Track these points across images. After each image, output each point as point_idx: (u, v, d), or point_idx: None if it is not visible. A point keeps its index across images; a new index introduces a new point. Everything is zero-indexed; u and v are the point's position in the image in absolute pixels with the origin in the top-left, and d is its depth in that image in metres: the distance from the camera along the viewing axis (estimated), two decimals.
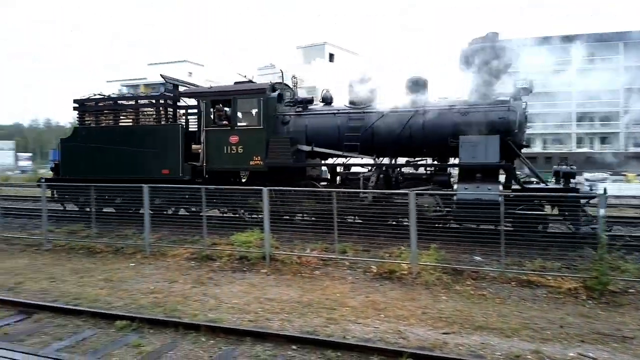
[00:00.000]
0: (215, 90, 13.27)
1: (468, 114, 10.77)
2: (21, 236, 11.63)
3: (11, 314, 6.48)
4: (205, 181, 12.41)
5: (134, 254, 9.91)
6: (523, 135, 10.81)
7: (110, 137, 13.48)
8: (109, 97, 14.54)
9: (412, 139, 11.27)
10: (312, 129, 12.21)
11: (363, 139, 11.57)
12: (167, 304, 6.69)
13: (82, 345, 5.39)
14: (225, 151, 12.45)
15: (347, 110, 12.11)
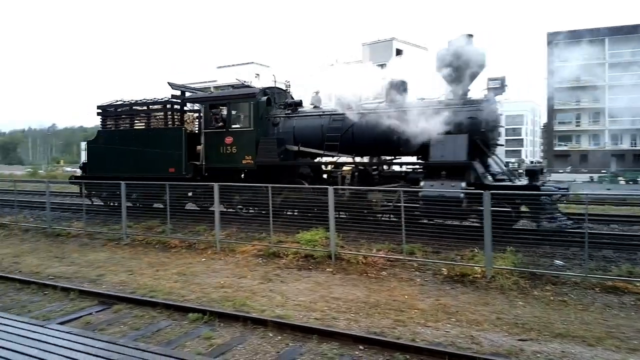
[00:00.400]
0: (212, 95, 14.95)
1: (440, 114, 11.08)
2: (102, 231, 12.48)
3: (93, 304, 6.95)
4: (204, 179, 13.67)
5: (205, 249, 10.32)
6: (494, 134, 11.27)
7: (126, 139, 15.05)
8: (125, 102, 15.94)
9: (388, 138, 11.78)
10: (299, 130, 13.07)
11: (344, 139, 12.25)
12: (236, 299, 6.89)
13: (157, 335, 5.68)
14: (221, 151, 13.57)
15: (329, 112, 12.86)
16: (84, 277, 8.48)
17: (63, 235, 12.55)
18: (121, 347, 3.89)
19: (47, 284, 7.84)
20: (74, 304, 6.90)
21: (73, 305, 6.87)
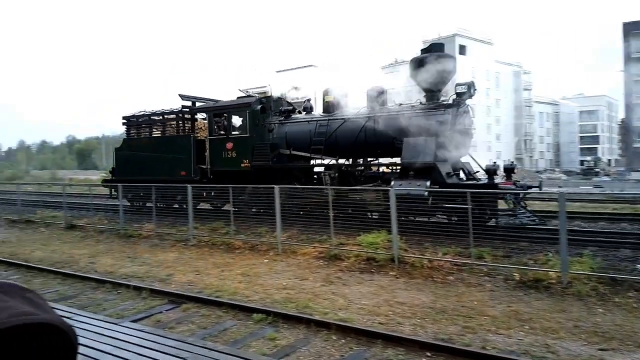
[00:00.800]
0: (215, 105, 16.14)
1: (411, 118, 11.99)
2: (171, 232, 13.04)
3: (163, 303, 7.25)
4: (210, 181, 15.16)
5: (267, 250, 10.50)
6: (462, 136, 11.93)
7: (145, 146, 17.03)
8: (145, 113, 17.79)
9: (367, 141, 12.93)
10: (291, 135, 14.36)
11: (328, 143, 13.39)
12: (298, 301, 6.94)
13: (223, 334, 5.82)
14: (223, 156, 15.07)
15: (316, 118, 14.13)
16: (155, 276, 8.88)
17: (135, 236, 13.23)
18: (190, 345, 4.01)
19: (120, 283, 8.27)
20: (145, 303, 7.23)
21: (145, 303, 7.20)
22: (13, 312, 0.98)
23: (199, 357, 3.79)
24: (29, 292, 1.12)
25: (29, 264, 10.14)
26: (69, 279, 8.94)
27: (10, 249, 12.04)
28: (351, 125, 13.14)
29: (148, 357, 3.76)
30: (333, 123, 13.51)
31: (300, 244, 10.47)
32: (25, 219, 16.94)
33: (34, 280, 9.00)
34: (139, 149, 17.16)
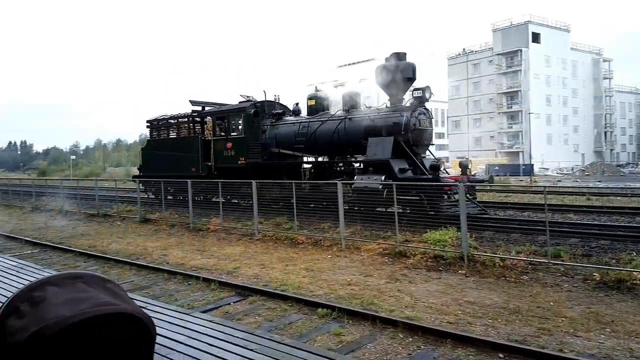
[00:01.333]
0: (217, 110, 18.65)
1: (375, 120, 13.83)
2: (237, 227, 13.43)
3: (231, 295, 7.48)
4: (214, 176, 17.00)
5: (330, 246, 10.54)
6: (416, 136, 13.42)
7: (164, 146, 19.83)
8: (163, 117, 20.49)
9: (340, 141, 14.67)
10: (279, 136, 16.33)
11: (308, 142, 15.28)
12: (363, 297, 6.91)
13: (289, 328, 5.91)
14: (224, 154, 17.36)
15: (299, 120, 16.07)
16: (222, 269, 9.18)
17: (203, 230, 13.75)
18: (258, 337, 4.08)
19: (190, 275, 8.63)
20: (214, 294, 7.50)
21: (213, 295, 7.47)
22: (95, 302, 1.02)
23: (267, 350, 3.85)
24: (109, 283, 1.17)
25: (107, 255, 10.81)
26: (143, 270, 9.45)
27: (89, 242, 12.91)
28: (327, 126, 15.03)
29: (218, 348, 3.88)
30: (313, 124, 15.40)
31: (363, 240, 10.42)
32: (102, 213, 18.11)
33: (110, 271, 9.58)
34: (159, 149, 20.10)
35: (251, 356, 3.67)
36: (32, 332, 0.91)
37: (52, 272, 7.20)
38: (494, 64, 66.51)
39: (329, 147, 15.14)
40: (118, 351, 1.02)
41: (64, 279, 1.09)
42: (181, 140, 19.22)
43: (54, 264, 10.12)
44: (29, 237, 13.82)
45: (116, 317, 1.00)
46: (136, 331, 1.04)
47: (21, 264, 7.71)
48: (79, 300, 1.01)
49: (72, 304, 0.99)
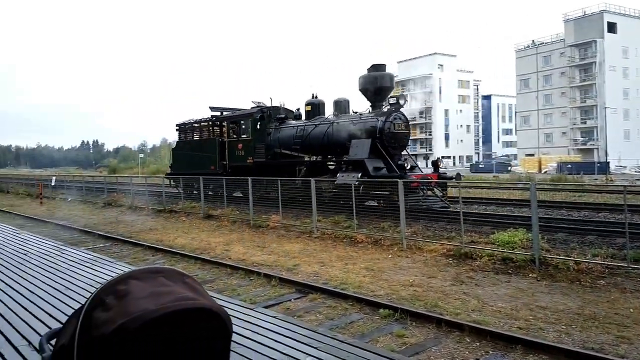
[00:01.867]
0: (231, 115, 21.33)
1: (357, 124, 15.71)
2: (295, 224, 13.58)
3: (291, 292, 7.56)
4: (229, 174, 19.34)
5: (391, 246, 10.41)
6: (391, 138, 15.18)
7: (189, 147, 22.87)
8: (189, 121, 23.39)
9: (329, 142, 16.62)
10: (282, 138, 18.51)
11: (304, 144, 17.36)
12: (427, 299, 6.76)
13: (350, 327, 5.89)
14: (236, 154, 19.92)
15: (298, 124, 18.25)
16: (282, 266, 9.31)
17: (263, 226, 14.02)
18: (320, 335, 4.09)
19: (252, 271, 8.81)
20: (275, 290, 7.61)
21: (274, 291, 7.58)
22: (176, 296, 1.03)
23: (330, 348, 3.85)
24: (187, 278, 1.18)
25: (173, 249, 11.27)
26: (207, 264, 9.76)
27: (156, 236, 13.51)
28: (319, 129, 17.09)
29: (282, 344, 3.92)
30: (308, 127, 17.52)
31: (426, 241, 10.21)
32: (168, 209, 18.91)
33: (177, 264, 9.97)
34: (186, 149, 23.16)
35: (315, 354, 3.68)
36: (117, 325, 0.93)
37: (123, 265, 7.59)
38: (566, 57, 63.10)
39: (320, 148, 17.18)
40: (197, 346, 1.03)
41: (146, 273, 1.12)
42: (203, 142, 22.07)
43: (125, 257, 10.66)
44: (102, 231, 14.67)
45: (196, 312, 1.01)
46: (214, 327, 1.05)
47: (95, 257, 8.18)
48: (161, 294, 1.02)
49: (155, 297, 1.01)
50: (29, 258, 8.03)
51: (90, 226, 15.97)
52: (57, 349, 1.07)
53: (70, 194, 28.22)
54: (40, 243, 9.83)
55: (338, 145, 16.24)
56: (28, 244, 9.69)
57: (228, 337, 1.10)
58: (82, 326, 1.00)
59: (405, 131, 15.91)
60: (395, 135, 15.39)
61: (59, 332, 1.17)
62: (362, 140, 15.15)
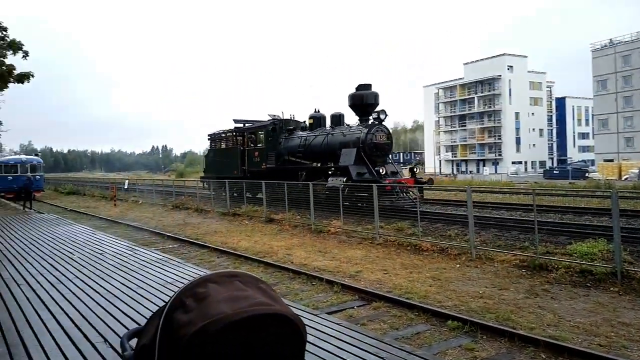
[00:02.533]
0: (249, 127, 25.16)
1: (346, 135, 18.51)
2: (357, 230, 13.51)
3: (354, 299, 7.50)
4: (247, 177, 22.81)
5: (458, 255, 10.10)
6: (372, 147, 17.62)
7: (218, 154, 26.61)
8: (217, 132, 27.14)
9: (324, 150, 19.34)
10: (289, 147, 21.60)
11: (306, 152, 20.42)
12: (498, 312, 6.48)
13: (416, 338, 5.75)
14: (253, 160, 23.27)
15: (302, 134, 21.42)
16: (344, 272, 9.28)
17: (324, 232, 14.07)
18: (387, 345, 4.02)
19: (314, 276, 8.84)
20: (337, 297, 7.59)
21: (337, 297, 7.56)
22: (252, 301, 1.03)
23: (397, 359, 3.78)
24: (261, 283, 1.19)
25: (237, 252, 11.55)
26: (269, 268, 9.92)
27: (221, 239, 13.92)
28: (318, 139, 20.02)
29: (347, 352, 3.89)
30: (309, 138, 20.58)
31: (497, 250, 9.81)
32: (232, 212, 19.45)
33: (241, 267, 10.21)
34: (215, 156, 26.84)
35: None
36: (198, 327, 0.95)
37: (191, 266, 7.87)
38: None
39: (319, 155, 19.94)
40: (272, 351, 1.03)
41: (223, 276, 1.14)
42: (228, 149, 25.70)
43: (192, 258, 11.06)
44: (170, 232, 15.32)
45: (272, 318, 1.01)
46: (290, 333, 1.05)
47: (165, 257, 8.55)
48: (238, 299, 1.04)
49: (232, 301, 1.02)
50: (105, 258, 8.52)
51: (160, 228, 16.72)
52: (139, 348, 1.10)
53: (141, 196, 29.75)
54: (114, 243, 10.41)
55: (332, 153, 18.98)
56: (104, 244, 10.29)
57: (302, 344, 1.09)
58: (164, 327, 1.03)
59: (386, 141, 18.46)
60: (376, 145, 17.92)
61: (139, 332, 1.21)
62: (350, 149, 17.90)
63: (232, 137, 25.63)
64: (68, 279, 6.87)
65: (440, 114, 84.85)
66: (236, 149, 24.64)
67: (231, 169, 24.42)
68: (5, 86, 22.12)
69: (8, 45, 22.02)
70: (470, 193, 10.22)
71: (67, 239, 11.02)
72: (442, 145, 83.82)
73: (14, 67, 22.18)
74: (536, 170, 71.98)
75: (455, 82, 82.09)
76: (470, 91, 79.10)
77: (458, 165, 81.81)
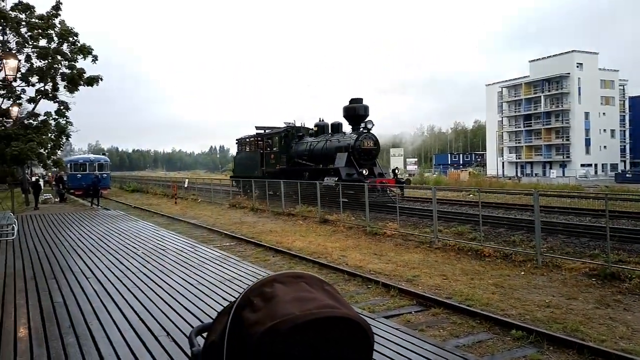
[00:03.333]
0: (267, 133, 28.47)
1: (340, 141, 22.35)
2: (414, 233, 13.30)
3: (411, 304, 7.38)
4: (265, 177, 26.22)
5: (523, 262, 9.71)
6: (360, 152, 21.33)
7: (244, 156, 31.18)
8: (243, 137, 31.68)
9: (323, 154, 23.17)
10: (298, 150, 25.34)
11: (309, 155, 24.29)
12: (566, 322, 6.18)
13: (477, 347, 5.58)
14: (269, 162, 27.20)
15: (308, 140, 25.22)
16: (401, 276, 9.15)
17: (379, 234, 13.95)
18: (449, 353, 3.93)
19: (369, 279, 8.78)
20: (394, 301, 7.50)
21: (393, 302, 7.47)
22: (320, 303, 1.03)
23: None
24: (327, 285, 1.18)
25: (291, 252, 11.68)
26: (324, 269, 9.95)
27: (276, 238, 14.13)
28: (319, 145, 23.79)
29: (407, 358, 3.83)
30: (313, 143, 24.41)
31: (565, 258, 9.36)
32: (287, 212, 19.71)
33: (296, 267, 10.31)
34: (241, 158, 31.66)
35: None
36: (267, 327, 0.96)
37: (248, 264, 8.04)
38: None
39: (320, 158, 23.46)
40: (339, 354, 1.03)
41: (289, 277, 1.15)
42: (251, 152, 29.98)
43: (248, 256, 11.29)
44: (227, 230, 15.73)
45: (340, 321, 1.01)
46: (357, 337, 1.04)
47: (223, 255, 8.79)
48: (305, 300, 1.04)
49: (299, 302, 1.03)
50: (167, 253, 8.88)
51: (218, 226, 17.21)
52: (207, 345, 1.13)
53: (200, 195, 30.75)
54: (176, 240, 10.82)
55: (329, 157, 22.40)
56: (166, 240, 10.73)
57: (370, 350, 1.08)
58: (232, 325, 1.05)
59: (373, 147, 21.89)
60: (364, 150, 21.42)
61: (207, 328, 1.24)
62: (342, 154, 21.38)
63: (254, 142, 29.61)
64: (133, 273, 7.21)
65: (504, 114, 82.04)
66: (257, 152, 28.80)
67: (253, 169, 28.50)
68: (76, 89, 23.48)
69: (79, 49, 23.42)
70: (537, 197, 9.80)
71: (132, 235, 11.57)
72: (506, 147, 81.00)
73: (84, 70, 23.56)
74: (607, 174, 68.01)
75: (520, 80, 79.12)
76: (536, 90, 75.93)
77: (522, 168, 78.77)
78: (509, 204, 18.62)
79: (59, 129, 23.62)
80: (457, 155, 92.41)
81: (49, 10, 22.86)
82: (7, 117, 21.26)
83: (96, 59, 24.01)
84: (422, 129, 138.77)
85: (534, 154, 77.40)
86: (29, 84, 22.66)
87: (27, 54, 22.58)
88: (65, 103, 23.61)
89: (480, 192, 16.67)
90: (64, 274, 7.29)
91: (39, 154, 22.60)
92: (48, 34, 22.69)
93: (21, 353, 4.03)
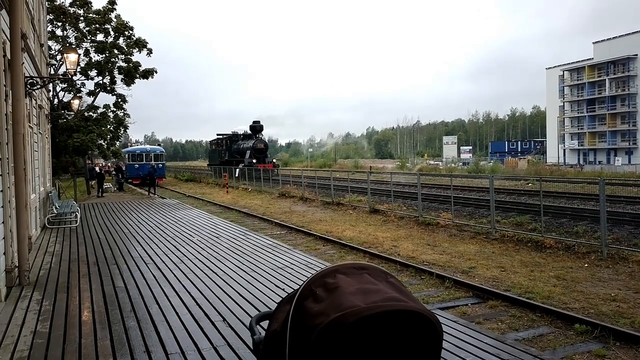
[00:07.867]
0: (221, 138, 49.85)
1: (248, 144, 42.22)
2: (469, 224, 12.99)
3: (467, 296, 7.23)
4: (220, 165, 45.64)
5: (587, 253, 9.30)
6: (255, 151, 41.17)
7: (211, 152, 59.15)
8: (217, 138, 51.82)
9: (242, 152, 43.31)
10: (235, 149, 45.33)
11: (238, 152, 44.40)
12: (634, 317, 5.89)
13: (538, 340, 5.41)
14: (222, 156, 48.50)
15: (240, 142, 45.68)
16: (456, 267, 8.98)
17: (432, 224, 13.72)
18: (510, 347, 3.82)
19: (423, 269, 8.67)
20: (449, 292, 7.37)
21: (448, 293, 7.35)
22: (385, 296, 1.00)
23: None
24: (391, 277, 1.15)
25: (342, 241, 11.70)
26: (376, 259, 9.91)
27: (326, 227, 14.19)
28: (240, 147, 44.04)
29: (465, 351, 3.76)
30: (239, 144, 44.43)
31: (632, 249, 8.88)
32: (336, 202, 19.73)
33: (346, 256, 10.33)
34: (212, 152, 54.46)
35: None
36: (332, 318, 0.95)
37: (299, 253, 8.12)
38: None
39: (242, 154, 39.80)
40: (407, 349, 1.00)
41: (351, 268, 1.13)
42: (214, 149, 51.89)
43: (298, 245, 11.41)
44: (277, 219, 15.96)
45: (407, 315, 0.98)
46: (426, 331, 1.01)
47: (274, 243, 8.93)
48: (369, 292, 1.02)
49: (364, 295, 1.01)
50: (221, 241, 9.12)
51: (268, 214, 17.49)
52: (270, 334, 1.13)
53: (250, 184, 31.34)
54: (228, 228, 11.09)
55: (243, 153, 39.39)
56: (219, 228, 11.02)
57: (439, 345, 1.05)
58: (295, 314, 1.05)
59: (263, 148, 40.01)
60: (257, 149, 39.31)
61: (268, 316, 1.25)
62: (249, 152, 38.78)
63: (215, 142, 50.70)
64: (189, 259, 7.46)
65: (566, 99, 78.38)
66: (216, 150, 48.95)
67: (216, 160, 48.33)
68: (132, 82, 24.40)
69: (134, 43, 24.28)
70: (603, 185, 9.33)
71: (187, 223, 11.95)
72: (567, 133, 77.50)
73: (139, 63, 24.42)
74: None
75: (583, 62, 75.24)
76: (600, 72, 71.93)
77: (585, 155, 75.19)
78: (571, 193, 17.85)
79: (117, 120, 24.70)
80: (514, 143, 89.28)
81: (105, 5, 23.83)
82: (68, 109, 22.43)
83: (151, 52, 24.84)
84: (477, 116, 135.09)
85: (598, 140, 73.54)
86: (88, 77, 23.81)
87: (85, 48, 23.72)
88: (123, 96, 24.67)
89: (541, 180, 16.05)
90: (125, 259, 7.64)
91: (99, 144, 23.73)
92: (105, 29, 23.68)
93: (85, 335, 4.26)
